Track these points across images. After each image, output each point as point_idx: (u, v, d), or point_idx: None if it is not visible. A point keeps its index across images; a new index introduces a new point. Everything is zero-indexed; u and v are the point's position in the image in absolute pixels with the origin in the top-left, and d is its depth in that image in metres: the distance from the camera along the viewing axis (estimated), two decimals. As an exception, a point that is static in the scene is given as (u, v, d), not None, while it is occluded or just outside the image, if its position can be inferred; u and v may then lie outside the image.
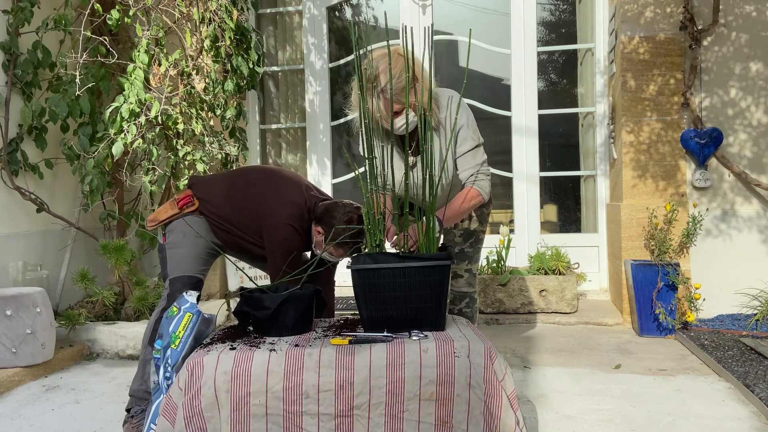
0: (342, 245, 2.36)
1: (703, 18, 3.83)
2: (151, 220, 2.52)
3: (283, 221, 2.38)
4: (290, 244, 2.39)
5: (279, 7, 5.05)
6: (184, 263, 2.41)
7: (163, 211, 2.52)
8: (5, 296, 3.01)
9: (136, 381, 2.38)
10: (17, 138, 3.68)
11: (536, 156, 4.59)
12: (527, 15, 4.58)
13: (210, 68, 3.83)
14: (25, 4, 3.57)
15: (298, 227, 2.40)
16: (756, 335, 3.40)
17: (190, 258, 2.42)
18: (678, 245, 3.75)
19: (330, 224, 2.36)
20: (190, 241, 2.44)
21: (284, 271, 2.36)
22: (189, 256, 2.42)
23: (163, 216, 2.49)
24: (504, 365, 1.82)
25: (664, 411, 2.43)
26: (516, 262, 4.57)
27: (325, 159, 4.90)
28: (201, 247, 2.46)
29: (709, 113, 3.85)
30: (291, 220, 2.39)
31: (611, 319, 3.88)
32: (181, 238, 2.44)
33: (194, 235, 2.45)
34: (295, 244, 2.41)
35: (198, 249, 2.45)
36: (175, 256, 2.42)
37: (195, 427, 1.73)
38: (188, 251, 2.42)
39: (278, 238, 2.38)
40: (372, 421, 1.73)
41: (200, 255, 2.45)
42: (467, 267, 2.61)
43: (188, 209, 2.48)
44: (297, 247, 2.43)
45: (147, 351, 2.37)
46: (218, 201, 2.48)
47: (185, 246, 2.43)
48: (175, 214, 2.48)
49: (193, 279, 2.41)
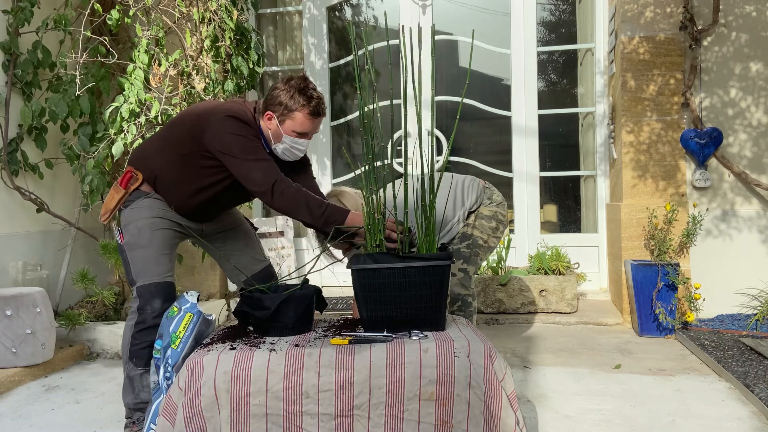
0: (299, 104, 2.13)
1: (703, 18, 3.83)
2: (104, 213, 2.31)
3: (221, 115, 2.13)
4: (241, 131, 2.12)
5: (279, 7, 5.05)
6: (148, 267, 2.22)
7: (110, 198, 2.30)
8: (5, 296, 3.01)
9: (128, 395, 2.27)
10: (17, 138, 3.68)
11: (536, 156, 4.59)
12: (527, 15, 4.58)
13: (210, 68, 3.83)
14: (25, 4, 3.57)
15: (242, 118, 2.15)
16: (756, 335, 3.40)
17: (152, 259, 2.22)
18: (678, 245, 3.75)
19: (275, 97, 2.15)
20: (147, 237, 2.23)
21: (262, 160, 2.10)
22: (151, 257, 2.22)
23: (113, 203, 2.28)
24: (504, 365, 1.82)
25: (664, 411, 2.43)
26: (516, 262, 4.57)
27: (325, 159, 4.90)
28: (160, 240, 2.25)
29: (709, 113, 3.85)
30: (229, 111, 2.15)
31: (611, 319, 3.88)
32: (137, 234, 2.23)
33: (149, 226, 2.23)
34: (245, 131, 2.14)
35: (158, 244, 2.24)
36: (137, 259, 2.23)
37: (195, 427, 1.73)
38: (148, 251, 2.22)
39: (225, 136, 2.11)
40: (372, 421, 1.73)
41: (162, 251, 2.25)
42: (462, 266, 2.60)
43: (134, 185, 2.27)
44: (251, 134, 2.16)
45: (129, 367, 2.24)
46: (157, 157, 2.25)
47: (144, 245, 2.23)
48: (123, 196, 2.27)
49: (162, 285, 2.22)
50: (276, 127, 2.19)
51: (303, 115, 2.17)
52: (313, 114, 2.18)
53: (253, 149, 2.13)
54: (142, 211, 2.26)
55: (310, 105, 2.16)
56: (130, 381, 2.26)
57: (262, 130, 2.23)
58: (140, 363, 2.23)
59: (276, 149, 2.25)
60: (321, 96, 2.20)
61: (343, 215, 2.12)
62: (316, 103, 2.17)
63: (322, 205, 2.11)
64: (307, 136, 2.23)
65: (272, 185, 2.09)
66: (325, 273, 4.48)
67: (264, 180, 2.09)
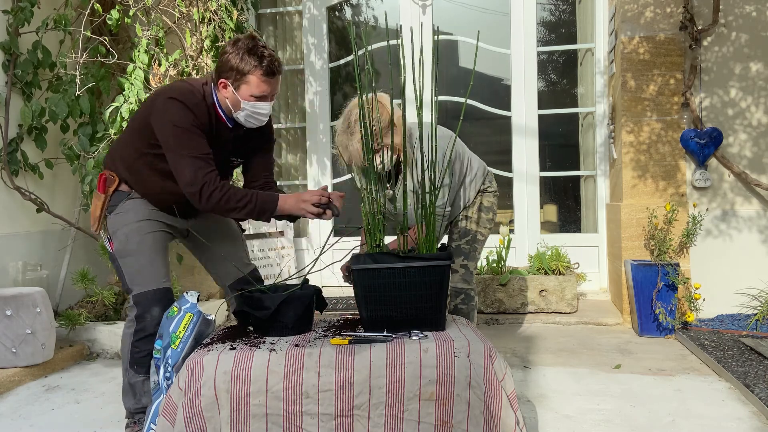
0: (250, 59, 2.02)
1: (703, 18, 3.83)
2: (92, 222, 2.26)
3: (164, 98, 2.04)
4: (181, 120, 2.01)
5: (279, 7, 5.05)
6: (143, 273, 2.15)
7: (93, 206, 2.24)
8: (5, 296, 3.01)
9: (129, 400, 2.24)
10: (17, 138, 3.68)
11: (536, 156, 4.59)
12: (527, 15, 4.58)
13: (210, 68, 3.83)
14: (25, 4, 3.57)
15: (186, 102, 2.04)
16: (756, 335, 3.40)
17: (145, 265, 2.16)
18: (678, 245, 3.75)
19: (225, 63, 2.05)
20: (136, 242, 2.16)
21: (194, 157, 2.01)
22: (143, 263, 2.16)
23: (97, 210, 2.22)
24: (504, 365, 1.82)
25: (664, 411, 2.43)
26: (516, 262, 4.57)
27: (325, 159, 4.90)
28: (150, 244, 2.18)
29: (709, 113, 3.85)
30: (173, 93, 2.04)
31: (611, 319, 3.88)
32: (126, 241, 2.17)
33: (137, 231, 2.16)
34: (186, 119, 2.02)
35: (148, 248, 2.18)
36: (130, 266, 2.16)
37: (195, 427, 1.73)
38: (140, 257, 2.16)
39: (165, 123, 2.01)
40: (372, 421, 1.73)
41: (154, 255, 2.18)
42: (462, 263, 2.63)
43: (112, 187, 2.20)
44: (190, 123, 2.04)
45: (130, 374, 2.20)
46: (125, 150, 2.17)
47: (134, 251, 2.16)
48: (105, 201, 2.20)
49: (160, 291, 2.15)
50: (232, 94, 2.07)
51: (257, 77, 2.04)
52: (267, 74, 2.05)
53: (188, 142, 2.02)
54: (127, 215, 2.19)
55: (262, 65, 2.04)
56: (131, 387, 2.23)
57: (219, 103, 2.12)
58: (141, 371, 2.20)
59: (238, 117, 2.14)
60: (273, 53, 2.07)
61: (274, 203, 2.07)
62: (268, 62, 2.04)
63: (251, 201, 2.04)
64: (267, 98, 2.10)
65: (201, 187, 2.01)
66: (325, 273, 4.48)
67: (193, 179, 2.01)
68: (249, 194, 2.06)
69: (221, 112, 2.15)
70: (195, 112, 2.05)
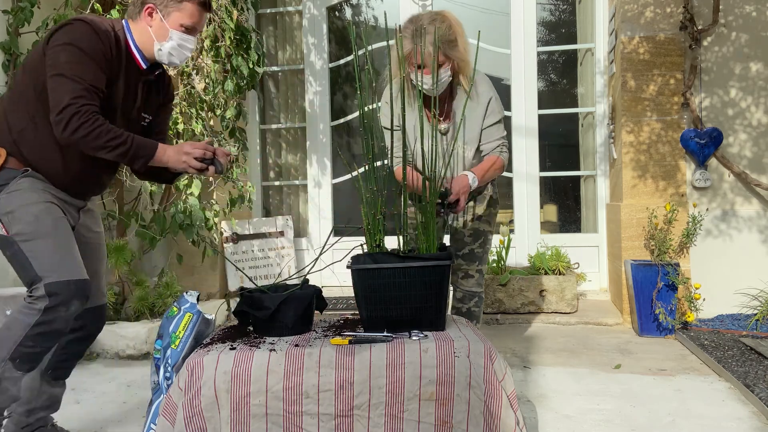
0: None
1: (703, 18, 3.83)
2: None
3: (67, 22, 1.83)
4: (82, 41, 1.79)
5: (279, 7, 5.05)
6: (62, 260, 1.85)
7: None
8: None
9: None
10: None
11: (536, 156, 4.59)
12: (527, 15, 4.58)
13: (210, 68, 3.83)
14: (25, 4, 3.57)
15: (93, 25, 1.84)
16: (756, 335, 3.40)
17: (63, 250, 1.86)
18: (678, 245, 3.75)
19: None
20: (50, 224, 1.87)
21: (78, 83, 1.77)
22: (61, 249, 1.86)
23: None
24: (504, 365, 1.82)
25: (664, 411, 2.44)
26: (516, 262, 4.57)
27: (325, 159, 4.90)
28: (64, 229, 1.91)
29: (709, 113, 3.85)
30: (80, 17, 1.85)
31: (611, 319, 3.88)
32: (35, 222, 1.85)
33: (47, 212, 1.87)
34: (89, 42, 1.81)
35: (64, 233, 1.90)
36: (42, 251, 1.83)
37: (195, 427, 1.73)
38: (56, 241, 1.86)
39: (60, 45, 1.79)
40: (372, 421, 1.73)
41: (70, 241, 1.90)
42: (478, 268, 2.66)
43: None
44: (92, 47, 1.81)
45: (7, 366, 1.84)
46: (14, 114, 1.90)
47: (49, 234, 1.85)
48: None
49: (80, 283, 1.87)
50: (159, 21, 1.91)
51: (193, 5, 1.92)
52: (202, 4, 1.94)
53: (78, 66, 1.78)
54: (25, 194, 1.87)
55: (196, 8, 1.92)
56: None
57: (133, 39, 1.94)
58: (24, 368, 1.87)
59: (162, 50, 1.95)
60: None
61: (151, 150, 1.87)
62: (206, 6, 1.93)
63: (125, 143, 1.82)
64: (195, 31, 1.97)
65: (71, 116, 1.76)
66: (325, 273, 4.48)
67: (66, 104, 1.76)
68: (125, 135, 1.83)
69: (134, 50, 1.97)
70: (102, 38, 1.85)
